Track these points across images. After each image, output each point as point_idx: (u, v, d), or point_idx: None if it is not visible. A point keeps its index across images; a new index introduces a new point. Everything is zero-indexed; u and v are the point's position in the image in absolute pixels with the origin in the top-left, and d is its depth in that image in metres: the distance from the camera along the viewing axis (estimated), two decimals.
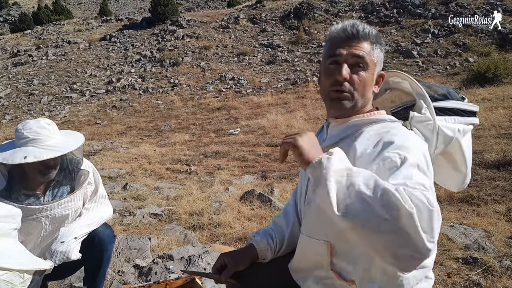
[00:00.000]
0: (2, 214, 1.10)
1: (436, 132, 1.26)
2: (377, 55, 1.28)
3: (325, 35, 18.07)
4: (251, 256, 1.51)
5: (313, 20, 23.82)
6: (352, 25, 1.26)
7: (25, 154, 1.86)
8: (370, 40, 1.26)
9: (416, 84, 1.33)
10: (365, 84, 1.26)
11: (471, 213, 4.43)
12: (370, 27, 1.28)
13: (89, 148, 10.06)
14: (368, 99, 1.30)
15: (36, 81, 20.91)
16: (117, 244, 3.39)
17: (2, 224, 1.10)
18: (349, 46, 1.25)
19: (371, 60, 1.26)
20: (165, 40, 24.66)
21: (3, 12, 57.52)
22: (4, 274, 0.99)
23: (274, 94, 16.03)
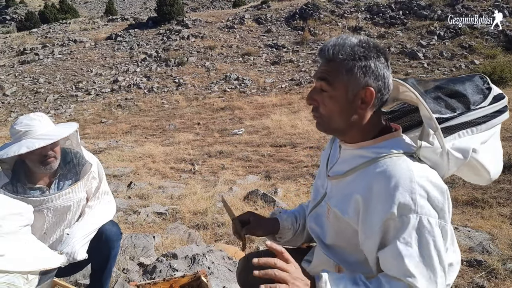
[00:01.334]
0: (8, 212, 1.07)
1: (447, 158, 1.15)
2: (347, 73, 1.18)
3: (330, 36, 18.07)
4: (271, 229, 1.56)
5: (318, 21, 23.81)
6: (323, 47, 1.21)
7: (18, 146, 1.91)
8: (338, 58, 1.18)
9: (422, 104, 1.17)
10: (332, 108, 1.21)
11: (476, 215, 4.43)
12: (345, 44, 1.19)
13: (94, 147, 10.10)
14: (355, 122, 1.22)
15: (42, 80, 21.02)
16: (122, 242, 3.42)
17: (8, 222, 1.06)
18: (320, 70, 1.23)
19: (338, 81, 1.19)
20: (171, 40, 24.73)
21: (10, 10, 57.87)
22: (4, 276, 0.96)
23: (279, 94, 16.04)
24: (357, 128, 1.23)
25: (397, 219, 1.06)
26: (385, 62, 1.19)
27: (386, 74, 1.19)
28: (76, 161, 2.22)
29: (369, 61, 1.17)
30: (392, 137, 1.22)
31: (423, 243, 1.05)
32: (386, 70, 1.19)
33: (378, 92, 1.19)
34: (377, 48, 1.19)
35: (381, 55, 1.19)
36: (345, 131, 1.24)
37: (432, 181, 1.10)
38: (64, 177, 2.19)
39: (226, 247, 3.45)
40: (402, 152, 1.16)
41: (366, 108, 1.20)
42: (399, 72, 16.74)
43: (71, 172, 2.21)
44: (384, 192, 1.09)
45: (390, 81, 1.21)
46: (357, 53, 1.17)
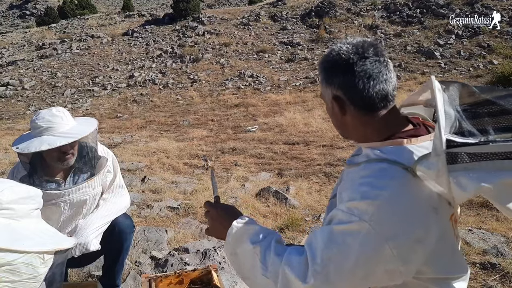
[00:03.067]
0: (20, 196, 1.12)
1: (448, 186, 0.95)
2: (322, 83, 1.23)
3: (346, 34, 17.88)
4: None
5: (334, 18, 23.62)
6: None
7: (39, 143, 1.94)
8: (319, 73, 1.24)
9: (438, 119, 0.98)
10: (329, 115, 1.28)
11: (491, 218, 4.37)
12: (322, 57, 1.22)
13: (109, 141, 10.23)
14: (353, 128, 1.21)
15: (59, 74, 21.34)
16: (135, 235, 3.46)
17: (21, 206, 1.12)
18: None
19: (323, 94, 1.25)
20: (186, 36, 24.83)
21: (30, 5, 58.76)
22: (23, 256, 1.02)
23: (293, 92, 15.99)
24: (356, 134, 1.23)
25: (346, 212, 1.03)
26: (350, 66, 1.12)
27: (352, 79, 1.12)
28: (92, 155, 2.26)
29: (331, 71, 1.17)
30: (397, 144, 1.11)
31: (350, 241, 0.99)
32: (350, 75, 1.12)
33: (348, 99, 1.15)
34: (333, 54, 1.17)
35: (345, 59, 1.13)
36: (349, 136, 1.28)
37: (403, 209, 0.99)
38: (79, 170, 2.23)
39: None
40: (397, 162, 1.05)
41: (346, 116, 1.18)
42: (415, 72, 16.52)
43: (87, 165, 2.24)
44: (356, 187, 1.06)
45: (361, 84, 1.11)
46: (322, 64, 1.21)
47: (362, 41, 1.16)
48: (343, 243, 1.00)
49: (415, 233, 0.99)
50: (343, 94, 1.15)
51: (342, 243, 1.00)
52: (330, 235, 1.03)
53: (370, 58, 1.12)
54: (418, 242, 0.99)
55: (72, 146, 2.08)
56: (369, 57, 1.12)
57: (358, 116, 1.17)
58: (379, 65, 1.12)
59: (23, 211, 1.13)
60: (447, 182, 0.94)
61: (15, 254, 1.01)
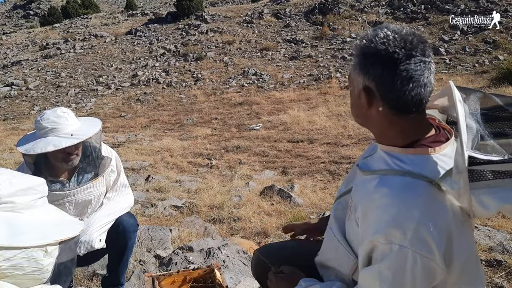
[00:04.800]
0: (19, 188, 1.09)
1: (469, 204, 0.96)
2: (352, 71, 1.13)
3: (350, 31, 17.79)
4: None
5: (338, 15, 23.52)
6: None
7: (45, 144, 1.94)
8: (354, 57, 1.12)
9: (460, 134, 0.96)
10: (351, 102, 1.20)
11: (496, 215, 4.33)
12: (360, 39, 1.11)
13: (114, 140, 10.26)
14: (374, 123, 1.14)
15: (63, 74, 21.41)
16: (139, 234, 3.47)
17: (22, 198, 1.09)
18: None
19: (351, 76, 1.16)
20: (189, 35, 24.83)
21: (33, 5, 58.95)
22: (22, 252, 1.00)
23: (297, 90, 15.96)
24: (376, 129, 1.15)
25: (385, 243, 0.98)
26: (404, 56, 1.02)
27: (387, 77, 1.04)
28: (95, 155, 2.26)
29: (360, 57, 1.08)
30: (421, 153, 1.06)
31: (400, 273, 0.97)
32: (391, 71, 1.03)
33: (380, 95, 1.07)
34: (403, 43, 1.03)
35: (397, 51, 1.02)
36: (366, 127, 1.20)
37: (436, 224, 0.96)
38: (83, 170, 2.24)
39: (241, 242, 3.47)
40: (423, 175, 1.01)
41: (372, 110, 1.10)
42: None
43: (91, 165, 2.25)
44: (382, 209, 1.01)
45: (400, 82, 1.03)
46: (362, 48, 1.08)
47: (411, 35, 1.05)
48: (394, 279, 0.98)
49: (452, 245, 0.97)
50: (376, 88, 1.07)
51: (393, 279, 0.98)
52: (380, 275, 1.01)
53: (416, 57, 1.02)
54: (454, 254, 0.98)
55: (76, 147, 2.08)
56: (416, 56, 1.02)
57: (386, 114, 1.09)
58: (423, 67, 1.03)
59: (25, 203, 1.10)
60: (469, 200, 0.94)
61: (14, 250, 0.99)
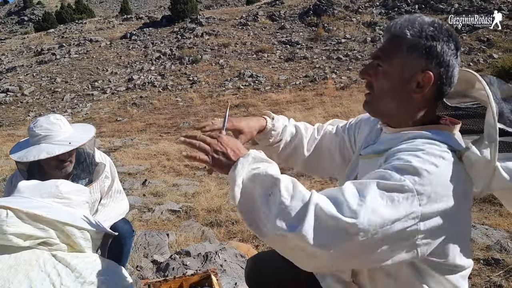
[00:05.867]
0: (75, 188, 1.34)
1: (492, 173, 1.02)
2: (408, 51, 1.09)
3: (345, 31, 17.78)
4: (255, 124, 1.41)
5: (332, 16, 23.59)
6: (390, 23, 1.15)
7: (38, 151, 1.92)
8: (403, 35, 1.10)
9: (491, 108, 1.03)
10: (385, 85, 1.13)
11: (494, 213, 4.33)
12: (412, 20, 1.10)
13: (110, 145, 10.22)
14: (405, 105, 1.13)
15: (59, 79, 21.37)
16: (136, 239, 3.45)
17: (76, 197, 1.33)
18: (381, 46, 1.17)
19: (396, 58, 1.11)
20: (185, 38, 24.84)
21: (28, 11, 58.88)
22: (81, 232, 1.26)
23: (293, 91, 15.98)
24: (405, 113, 1.14)
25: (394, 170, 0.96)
26: (455, 50, 1.09)
27: (452, 63, 1.09)
28: (89, 161, 2.24)
29: (436, 43, 1.07)
30: (439, 129, 1.12)
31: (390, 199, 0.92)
32: (454, 58, 1.09)
33: (438, 80, 1.09)
34: (449, 32, 1.09)
35: (451, 41, 1.08)
36: (392, 114, 1.16)
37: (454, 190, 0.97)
38: (77, 177, 2.21)
39: (239, 245, 3.45)
40: (447, 143, 1.06)
41: (420, 93, 1.11)
42: None
43: (84, 172, 2.22)
44: (405, 153, 1.01)
45: (455, 71, 1.10)
46: (425, 31, 1.08)
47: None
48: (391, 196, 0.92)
49: (448, 206, 0.96)
50: (438, 73, 1.09)
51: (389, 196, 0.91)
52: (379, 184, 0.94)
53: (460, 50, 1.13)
54: (446, 216, 0.97)
55: (70, 154, 2.06)
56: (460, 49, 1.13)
57: (429, 99, 1.13)
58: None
59: (78, 201, 1.34)
60: (493, 170, 1.00)
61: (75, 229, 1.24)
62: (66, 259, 1.18)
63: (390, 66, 1.11)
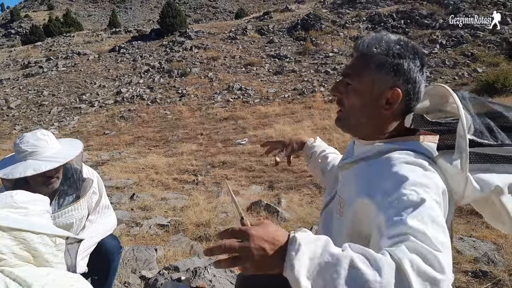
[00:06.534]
0: (32, 198, 1.28)
1: (464, 182, 1.04)
2: (376, 69, 1.11)
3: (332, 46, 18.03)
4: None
5: (320, 31, 23.92)
6: (359, 41, 1.18)
7: (24, 168, 1.88)
8: (371, 53, 1.13)
9: (461, 120, 1.06)
10: (355, 102, 1.15)
11: (481, 225, 4.38)
12: (382, 40, 1.13)
13: (97, 159, 10.12)
14: (376, 121, 1.16)
15: (46, 92, 21.17)
16: (124, 255, 3.39)
17: (34, 207, 1.27)
18: (350, 63, 1.20)
19: (364, 76, 1.13)
20: (174, 51, 24.90)
21: (15, 24, 58.55)
22: (40, 237, 1.17)
23: (282, 104, 16.07)
24: (375, 127, 1.17)
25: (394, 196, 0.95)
26: (420, 66, 1.13)
27: (418, 79, 1.12)
28: (76, 177, 2.20)
29: (403, 61, 1.11)
30: (410, 139, 1.15)
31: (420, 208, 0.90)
32: (420, 75, 1.12)
33: (406, 96, 1.12)
34: (415, 50, 1.13)
35: (417, 58, 1.12)
36: (363, 129, 1.19)
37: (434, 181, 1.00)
38: (64, 193, 2.17)
39: None
40: (423, 153, 1.10)
41: (389, 110, 1.13)
42: None
43: (72, 187, 2.19)
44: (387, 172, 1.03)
45: (422, 87, 1.14)
46: (392, 49, 1.11)
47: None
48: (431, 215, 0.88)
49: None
50: (407, 89, 1.12)
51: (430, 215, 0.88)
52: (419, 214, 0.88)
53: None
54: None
55: (57, 170, 2.02)
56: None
57: (398, 114, 1.16)
58: None
59: (36, 211, 1.28)
60: (465, 180, 1.03)
61: (32, 234, 1.16)
62: (14, 272, 1.12)
63: (359, 84, 1.14)
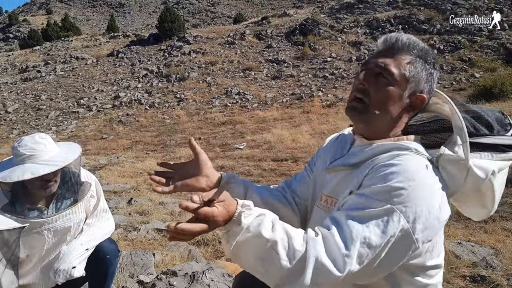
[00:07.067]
0: None
1: (466, 172, 1.07)
2: (414, 70, 1.12)
3: (330, 51, 18.10)
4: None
5: (318, 36, 24.01)
6: (394, 37, 1.16)
7: (22, 171, 1.87)
8: (409, 53, 1.13)
9: (457, 114, 1.10)
10: (386, 97, 1.12)
11: (479, 230, 4.38)
12: (415, 40, 1.15)
13: (95, 163, 10.09)
14: (393, 119, 1.15)
15: (44, 96, 21.15)
16: (121, 259, 3.38)
17: None
18: (382, 56, 1.15)
19: (401, 73, 1.12)
20: (172, 56, 24.93)
21: (13, 29, 58.59)
22: None
23: (280, 108, 16.09)
24: (390, 128, 1.17)
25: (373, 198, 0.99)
26: (437, 79, 1.19)
27: (434, 91, 1.18)
28: (74, 181, 2.20)
29: (434, 71, 1.16)
30: (414, 139, 1.16)
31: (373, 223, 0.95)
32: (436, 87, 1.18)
33: (425, 103, 1.17)
34: (439, 64, 1.20)
35: (439, 71, 1.19)
36: (378, 124, 1.16)
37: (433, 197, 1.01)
38: (62, 196, 2.16)
39: (226, 264, 3.41)
40: (421, 153, 1.10)
41: (409, 112, 1.16)
42: None
43: (70, 191, 2.18)
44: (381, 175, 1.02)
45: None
46: (429, 57, 1.15)
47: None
48: (377, 223, 0.95)
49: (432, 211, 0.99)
50: (428, 98, 1.17)
51: (376, 223, 0.95)
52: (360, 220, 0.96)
53: None
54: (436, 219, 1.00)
55: (55, 174, 2.02)
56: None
57: (408, 114, 1.18)
58: None
59: None
60: (467, 168, 1.05)
61: None
62: None
63: (394, 81, 1.12)
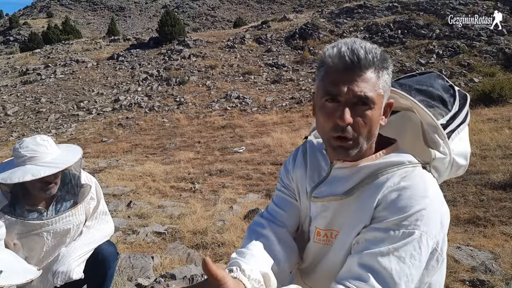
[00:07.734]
0: None
1: (451, 164, 1.09)
2: (384, 84, 1.01)
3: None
4: None
5: (318, 40, 24.08)
6: (352, 51, 0.97)
7: (23, 173, 1.88)
8: (374, 67, 0.99)
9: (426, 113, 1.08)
10: (371, 124, 1.00)
11: (478, 234, 4.38)
12: (372, 48, 0.99)
13: (94, 166, 10.09)
14: (375, 136, 1.06)
15: (43, 99, 21.16)
16: (120, 262, 3.37)
17: None
18: (350, 80, 0.97)
19: (378, 94, 0.99)
20: (172, 60, 24.98)
21: (14, 31, 58.69)
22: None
23: (279, 112, 16.10)
24: (372, 143, 1.09)
25: (397, 230, 0.95)
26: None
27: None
28: (74, 182, 2.20)
29: (391, 72, 1.04)
30: (396, 148, 1.10)
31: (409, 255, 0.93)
32: None
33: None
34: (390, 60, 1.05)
35: (391, 67, 1.06)
36: (369, 148, 1.08)
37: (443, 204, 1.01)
38: (62, 198, 2.17)
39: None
40: (417, 162, 1.06)
41: (383, 121, 1.07)
42: None
43: (69, 193, 2.18)
44: (396, 203, 0.98)
45: None
46: (387, 61, 1.02)
47: None
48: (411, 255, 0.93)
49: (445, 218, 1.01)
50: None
51: (410, 255, 0.93)
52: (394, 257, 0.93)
53: None
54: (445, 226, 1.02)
55: (55, 175, 2.02)
56: None
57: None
58: None
59: None
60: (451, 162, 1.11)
61: None
62: None
63: (373, 104, 1.00)
